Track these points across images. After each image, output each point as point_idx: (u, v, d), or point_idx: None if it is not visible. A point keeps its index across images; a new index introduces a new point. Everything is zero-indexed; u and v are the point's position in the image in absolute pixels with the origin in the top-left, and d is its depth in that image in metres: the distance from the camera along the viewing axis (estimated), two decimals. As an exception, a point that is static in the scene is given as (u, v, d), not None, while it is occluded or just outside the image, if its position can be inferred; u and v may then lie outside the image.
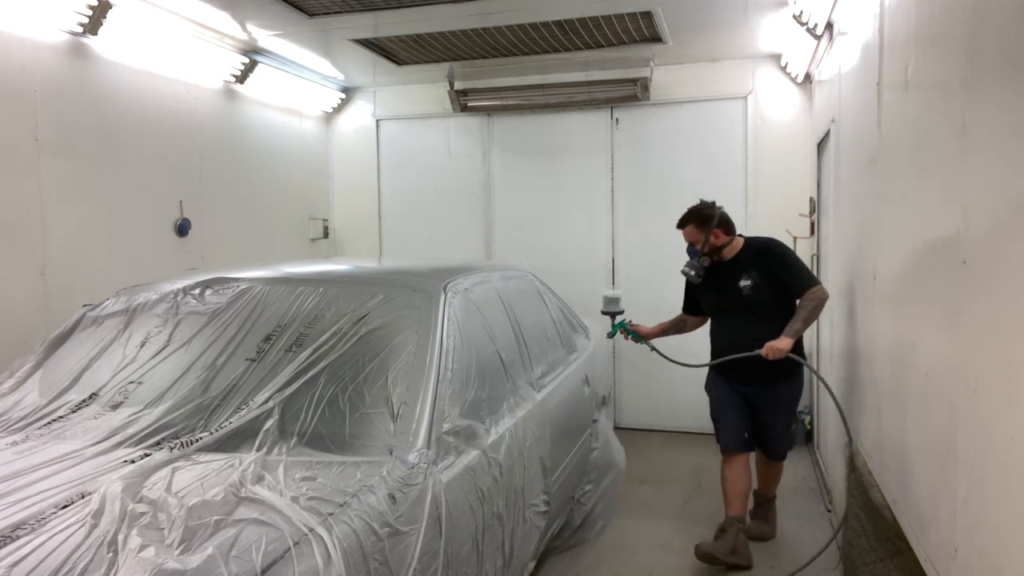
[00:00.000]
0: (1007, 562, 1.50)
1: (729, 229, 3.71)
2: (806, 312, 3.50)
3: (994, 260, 1.59)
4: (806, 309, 3.50)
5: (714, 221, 3.63)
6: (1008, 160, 1.50)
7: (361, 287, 2.82)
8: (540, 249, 6.17)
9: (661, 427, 5.91)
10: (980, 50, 1.67)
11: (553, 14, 4.49)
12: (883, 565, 2.60)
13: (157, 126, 4.52)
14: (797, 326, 3.48)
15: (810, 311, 3.51)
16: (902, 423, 2.42)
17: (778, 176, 5.66)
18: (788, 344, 3.44)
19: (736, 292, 3.65)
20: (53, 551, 1.56)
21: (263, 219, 5.63)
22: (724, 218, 3.69)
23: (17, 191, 3.63)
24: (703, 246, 3.65)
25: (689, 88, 5.81)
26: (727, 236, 3.68)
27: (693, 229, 3.69)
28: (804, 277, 3.57)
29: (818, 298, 3.50)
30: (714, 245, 3.66)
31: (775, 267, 3.59)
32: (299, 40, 5.00)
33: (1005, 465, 1.52)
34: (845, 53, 3.75)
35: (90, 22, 3.86)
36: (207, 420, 2.31)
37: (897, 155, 2.53)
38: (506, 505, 2.57)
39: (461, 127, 6.39)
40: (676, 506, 4.42)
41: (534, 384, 3.19)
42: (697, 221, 3.68)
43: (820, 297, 3.51)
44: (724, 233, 3.67)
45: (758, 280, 3.61)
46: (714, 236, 3.65)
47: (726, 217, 3.70)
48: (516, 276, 3.83)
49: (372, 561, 1.77)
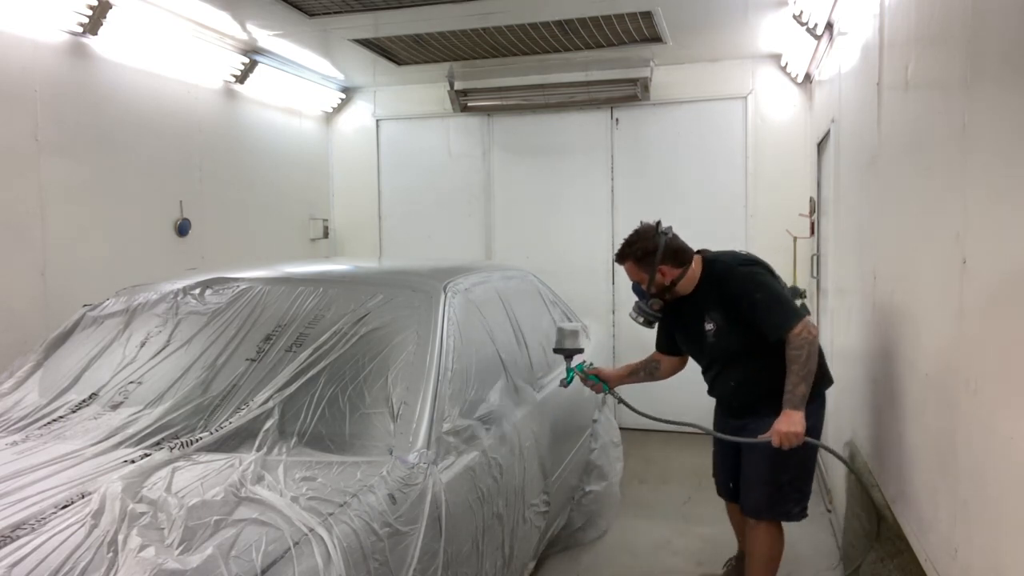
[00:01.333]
0: (1007, 562, 1.50)
1: (679, 259, 2.90)
2: (799, 367, 2.65)
3: (994, 260, 1.59)
4: (797, 363, 2.66)
5: (657, 256, 2.86)
6: (1008, 160, 1.50)
7: (361, 287, 2.82)
8: (540, 249, 6.17)
9: (661, 427, 5.89)
10: (980, 50, 1.67)
11: (553, 14, 4.49)
12: (883, 565, 2.60)
13: (157, 126, 4.52)
14: (799, 391, 2.65)
15: (803, 364, 2.65)
16: (902, 423, 2.42)
17: (778, 176, 5.66)
18: (800, 420, 2.63)
19: (702, 338, 2.93)
20: (53, 551, 1.56)
21: (263, 219, 5.63)
22: (671, 248, 2.89)
23: (17, 191, 3.63)
24: (648, 286, 2.91)
25: (689, 88, 5.81)
26: (677, 268, 2.89)
27: (632, 267, 2.94)
28: (778, 316, 2.72)
29: (806, 342, 2.66)
30: (661, 284, 2.90)
31: (738, 307, 2.79)
32: (299, 40, 5.00)
33: (1005, 465, 1.52)
34: (845, 53, 3.75)
35: (90, 22, 3.86)
36: (207, 420, 2.31)
37: (897, 155, 2.53)
38: (506, 505, 2.57)
39: (461, 127, 6.39)
40: (676, 506, 4.42)
41: (534, 384, 3.19)
42: (634, 258, 2.92)
43: (807, 340, 2.67)
44: (673, 266, 2.89)
45: (721, 322, 2.86)
46: (660, 273, 2.88)
47: (674, 246, 2.90)
48: (516, 276, 3.83)
49: (372, 561, 1.77)
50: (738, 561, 3.40)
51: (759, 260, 2.97)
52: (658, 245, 2.88)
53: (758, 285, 2.78)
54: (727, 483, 3.18)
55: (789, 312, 2.72)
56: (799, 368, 2.66)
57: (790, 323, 2.69)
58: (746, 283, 2.80)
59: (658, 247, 2.87)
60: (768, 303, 2.74)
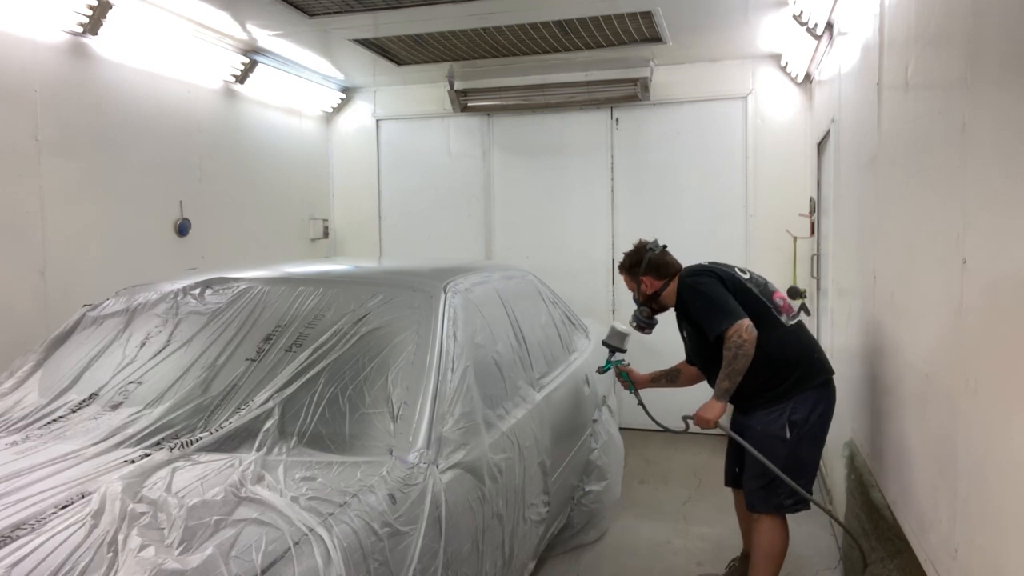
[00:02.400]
0: (1007, 562, 1.50)
1: (661, 272, 3.22)
2: (726, 364, 2.89)
3: (994, 260, 1.59)
4: (725, 361, 2.89)
5: (640, 267, 3.23)
6: (1008, 160, 1.50)
7: (361, 287, 2.82)
8: (540, 249, 6.17)
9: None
10: (980, 50, 1.67)
11: (553, 14, 4.49)
12: (883, 565, 2.60)
13: (157, 126, 4.52)
14: (723, 385, 2.92)
15: (728, 363, 2.87)
16: (902, 423, 2.42)
17: (778, 176, 5.66)
18: (717, 409, 2.96)
19: (686, 343, 3.30)
20: (53, 551, 1.56)
21: (263, 219, 5.63)
22: (654, 263, 3.22)
23: (17, 191, 3.63)
24: (637, 295, 3.31)
25: (689, 88, 5.81)
26: (658, 281, 3.22)
27: (626, 277, 3.35)
28: (710, 320, 2.95)
29: (735, 344, 2.85)
30: (645, 294, 3.27)
31: (691, 314, 3.09)
32: (299, 40, 5.00)
33: (1005, 465, 1.52)
34: (845, 53, 3.75)
35: (90, 22, 3.86)
36: (207, 420, 2.31)
37: (897, 155, 2.53)
38: (506, 505, 2.57)
39: (461, 127, 6.39)
40: (676, 506, 4.42)
41: (534, 384, 3.19)
42: (625, 270, 3.33)
43: (737, 342, 2.84)
44: (655, 279, 3.23)
45: (690, 328, 3.18)
46: (643, 283, 3.25)
47: (657, 261, 3.22)
48: (516, 276, 3.83)
49: (372, 561, 1.77)
50: (740, 562, 3.41)
51: (711, 269, 3.13)
52: (641, 259, 3.24)
53: (697, 294, 3.03)
54: (732, 469, 3.33)
55: (720, 316, 2.92)
56: (726, 365, 2.90)
57: (720, 326, 2.90)
58: (689, 293, 3.08)
59: (641, 260, 3.24)
60: (703, 309, 3.00)
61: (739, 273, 3.13)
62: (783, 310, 3.05)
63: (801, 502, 2.98)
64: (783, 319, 3.02)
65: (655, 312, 3.31)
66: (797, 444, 2.92)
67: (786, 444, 2.91)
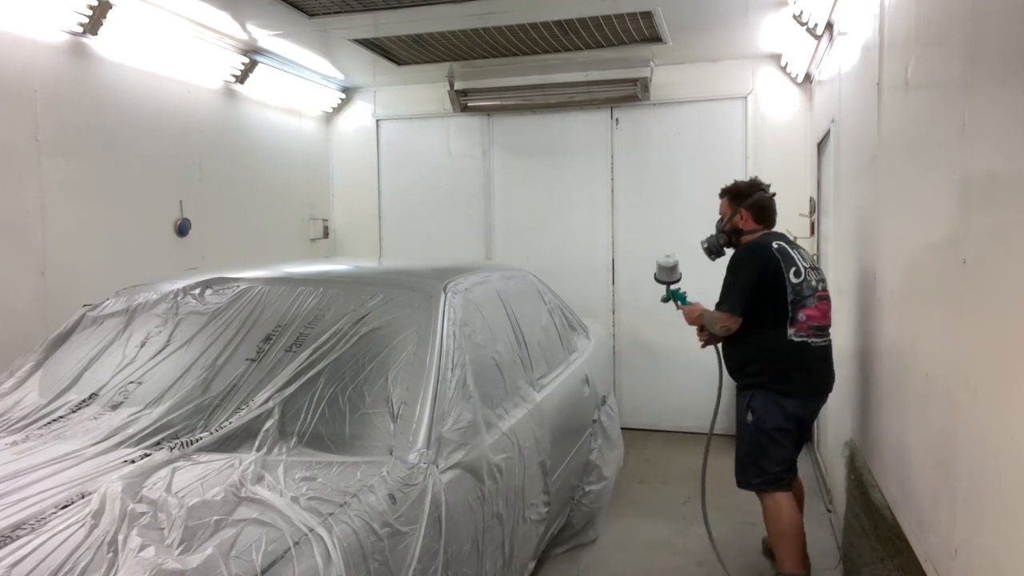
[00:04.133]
0: (1007, 562, 1.50)
1: (760, 217, 3.32)
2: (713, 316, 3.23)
3: (994, 260, 1.59)
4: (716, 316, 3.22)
5: (745, 201, 3.31)
6: (1008, 160, 1.50)
7: (361, 287, 2.83)
8: (540, 249, 6.17)
9: (661, 427, 5.92)
10: (980, 50, 1.67)
11: (553, 14, 4.49)
12: (883, 565, 2.60)
13: (157, 126, 4.52)
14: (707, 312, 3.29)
15: (713, 321, 3.23)
16: (902, 423, 2.42)
17: (778, 176, 5.59)
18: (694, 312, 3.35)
19: None
20: (53, 551, 1.56)
21: (263, 219, 5.63)
22: (760, 203, 3.32)
23: (17, 191, 3.62)
24: (725, 222, 3.39)
25: (689, 88, 5.81)
26: (754, 223, 3.31)
27: (725, 202, 3.42)
28: (723, 293, 3.23)
29: (719, 322, 3.19)
30: (734, 224, 3.34)
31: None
32: (299, 40, 5.00)
33: (1005, 465, 1.52)
34: (845, 53, 3.75)
35: (90, 22, 3.86)
36: (207, 420, 2.31)
37: (897, 155, 2.53)
38: (506, 505, 2.57)
39: (461, 127, 6.39)
40: (676, 506, 4.41)
41: (534, 384, 3.19)
42: (731, 195, 3.40)
43: (717, 318, 3.20)
44: (753, 220, 3.31)
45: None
46: (739, 216, 3.32)
47: (763, 203, 3.33)
48: (516, 276, 3.83)
49: (372, 561, 1.77)
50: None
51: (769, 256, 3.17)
52: (750, 193, 3.34)
53: (735, 265, 3.22)
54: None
55: (726, 298, 3.19)
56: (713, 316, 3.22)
57: (722, 305, 3.20)
58: (735, 256, 3.27)
59: (749, 194, 3.34)
60: (726, 281, 3.23)
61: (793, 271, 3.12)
62: (799, 326, 3.11)
63: (768, 483, 3.18)
64: (789, 330, 3.11)
65: (726, 245, 3.42)
66: (757, 431, 3.18)
67: (747, 428, 3.21)
